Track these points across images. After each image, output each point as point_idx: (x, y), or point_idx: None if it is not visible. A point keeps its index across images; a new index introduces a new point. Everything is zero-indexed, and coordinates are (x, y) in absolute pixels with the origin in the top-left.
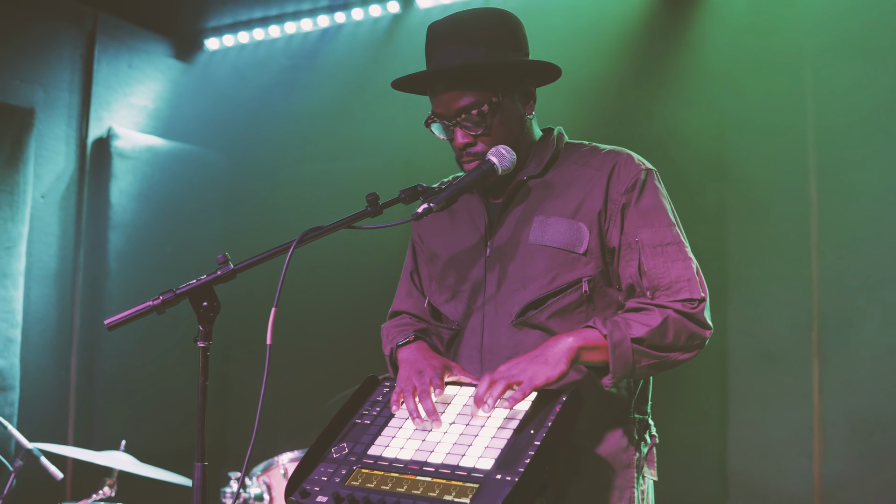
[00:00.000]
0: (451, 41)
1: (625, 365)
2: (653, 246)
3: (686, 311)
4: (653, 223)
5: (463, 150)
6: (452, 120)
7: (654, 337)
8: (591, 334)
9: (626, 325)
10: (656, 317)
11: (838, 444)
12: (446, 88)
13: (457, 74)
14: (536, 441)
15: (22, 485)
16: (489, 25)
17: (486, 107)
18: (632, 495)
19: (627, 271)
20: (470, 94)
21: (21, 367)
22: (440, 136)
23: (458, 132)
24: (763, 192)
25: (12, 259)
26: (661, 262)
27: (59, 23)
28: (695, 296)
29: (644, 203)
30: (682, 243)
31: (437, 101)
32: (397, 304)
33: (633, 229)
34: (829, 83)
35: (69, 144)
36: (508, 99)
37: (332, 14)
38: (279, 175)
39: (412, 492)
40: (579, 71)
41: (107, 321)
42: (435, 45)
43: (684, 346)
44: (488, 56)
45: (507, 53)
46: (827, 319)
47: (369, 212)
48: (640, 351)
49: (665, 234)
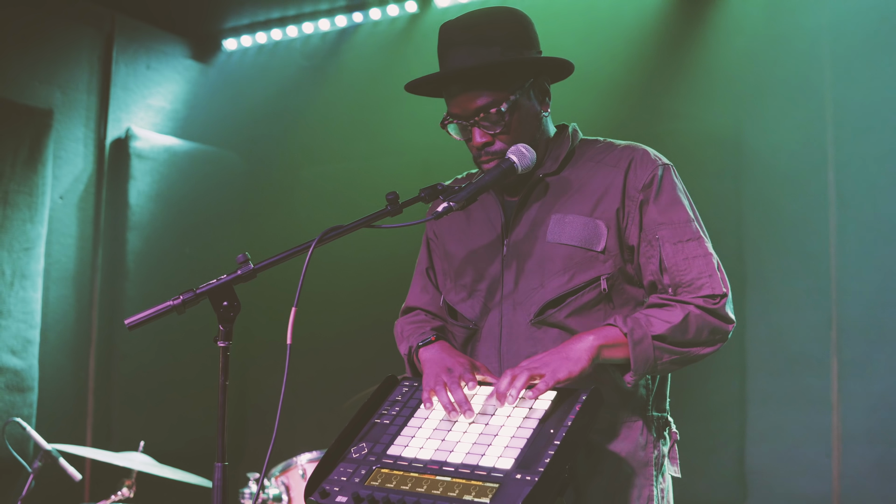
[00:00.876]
0: (464, 42)
1: (646, 362)
2: (673, 242)
3: (708, 307)
4: (672, 219)
5: (481, 149)
6: (470, 120)
7: (675, 333)
8: (611, 332)
9: (648, 322)
10: (678, 313)
11: (857, 445)
12: (463, 89)
13: (473, 75)
14: (556, 440)
15: (40, 486)
16: (502, 24)
17: (503, 105)
18: (650, 493)
19: (648, 268)
20: (487, 94)
21: (40, 367)
22: (457, 136)
23: (476, 132)
24: (781, 193)
25: (31, 260)
26: (681, 259)
27: (78, 25)
28: (717, 291)
29: (663, 199)
30: (702, 238)
31: (454, 102)
32: (411, 300)
33: (653, 226)
34: (848, 82)
35: (87, 146)
36: (525, 97)
37: (349, 14)
38: (296, 175)
39: (432, 491)
40: (596, 70)
41: (127, 321)
42: (448, 46)
43: (706, 340)
44: (503, 55)
45: (521, 51)
46: (846, 320)
47: (389, 211)
48: (661, 347)
49: (685, 230)
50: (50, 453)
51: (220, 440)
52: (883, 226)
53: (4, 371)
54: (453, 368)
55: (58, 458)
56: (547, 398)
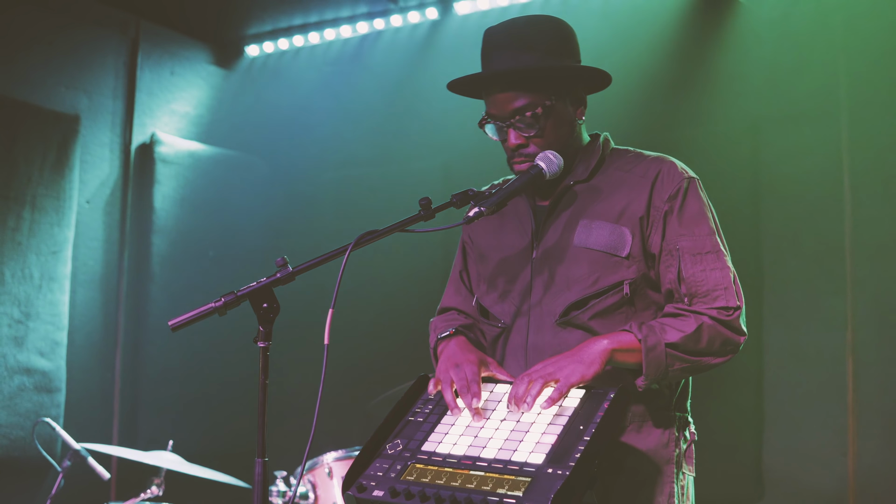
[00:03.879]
0: (507, 46)
1: (658, 368)
2: (692, 254)
3: (721, 319)
4: (693, 231)
5: (516, 150)
6: (507, 121)
7: (687, 342)
8: (626, 338)
9: (662, 330)
10: (691, 323)
11: (873, 443)
12: (501, 90)
13: (512, 77)
14: (586, 437)
15: (69, 484)
16: (544, 32)
17: (539, 109)
18: (672, 490)
19: (667, 277)
20: (524, 97)
21: (67, 369)
22: (493, 136)
23: (511, 133)
24: (798, 196)
25: (58, 263)
26: (699, 270)
27: (103, 31)
28: (730, 304)
29: (686, 211)
30: (722, 252)
31: (492, 103)
32: (446, 301)
33: (674, 237)
34: (864, 86)
35: (113, 150)
36: (561, 103)
37: (371, 21)
38: (319, 179)
39: (466, 485)
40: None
41: (171, 322)
42: (491, 49)
43: (718, 351)
44: (543, 61)
45: (560, 59)
46: (861, 319)
47: (422, 216)
48: (673, 355)
49: (705, 243)
50: (79, 452)
51: (260, 436)
52: None
53: (33, 372)
54: (461, 365)
55: (86, 458)
56: (576, 396)
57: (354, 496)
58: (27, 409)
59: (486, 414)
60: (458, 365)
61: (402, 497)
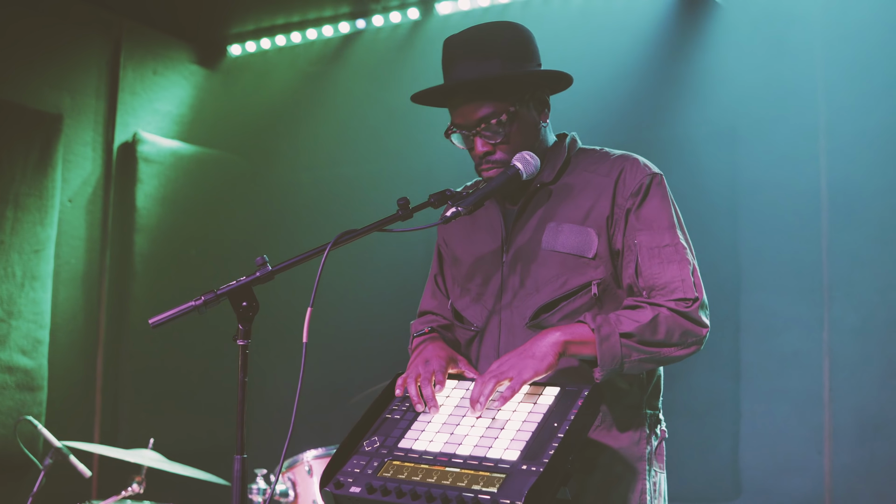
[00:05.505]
0: (467, 55)
1: (613, 359)
2: (650, 248)
3: (679, 310)
4: (652, 226)
5: (483, 158)
6: (472, 130)
7: (643, 332)
8: (579, 329)
9: (617, 320)
10: (647, 313)
11: (849, 442)
12: (465, 101)
13: (475, 87)
14: (560, 433)
15: (51, 482)
16: (503, 38)
17: (504, 116)
18: (644, 487)
19: (626, 271)
20: (488, 105)
21: (49, 367)
22: (460, 145)
23: (478, 141)
24: (776, 195)
25: (41, 262)
26: (656, 264)
27: (86, 30)
28: (688, 295)
29: (646, 207)
30: (681, 245)
31: (457, 113)
32: (424, 305)
33: (633, 232)
34: (842, 88)
35: (96, 149)
36: (524, 108)
37: (353, 21)
38: (301, 178)
39: (441, 482)
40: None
41: (151, 320)
42: (452, 59)
43: (678, 342)
44: (504, 68)
45: (521, 64)
46: (837, 320)
47: (400, 215)
48: (629, 345)
49: (663, 237)
50: (60, 450)
51: (239, 434)
52: (874, 227)
53: (15, 370)
54: (430, 361)
55: (68, 456)
56: (551, 394)
57: (332, 492)
58: (9, 407)
59: (445, 409)
60: (427, 361)
61: (378, 493)
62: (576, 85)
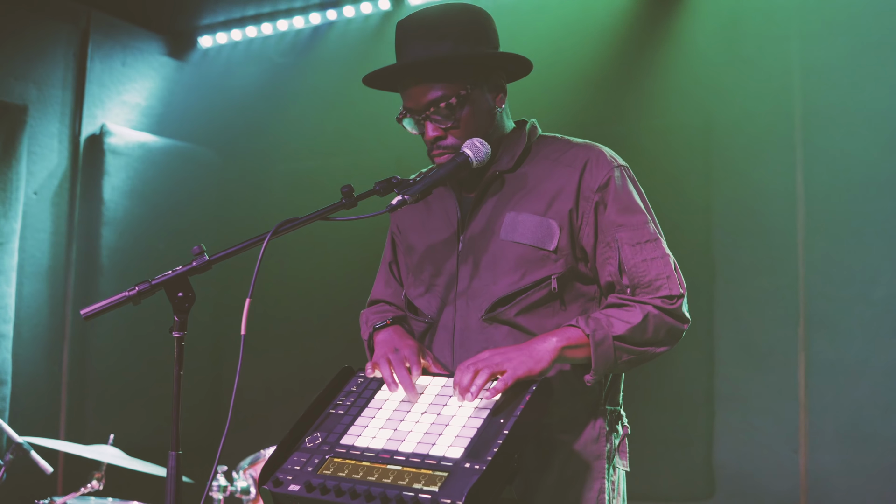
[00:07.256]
0: (418, 36)
1: (607, 362)
2: (632, 244)
3: (666, 308)
4: (630, 221)
5: (434, 143)
6: (422, 114)
7: (634, 334)
8: (573, 333)
9: (609, 323)
10: (637, 314)
11: (824, 439)
12: (415, 83)
13: (424, 69)
14: (505, 430)
15: (12, 479)
16: (456, 20)
17: (454, 99)
18: (602, 486)
19: (606, 269)
20: (438, 88)
21: (13, 362)
22: (412, 130)
23: (428, 126)
24: (750, 189)
25: (5, 255)
26: (640, 261)
27: (53, 20)
28: (674, 292)
29: (620, 201)
30: (659, 239)
31: (407, 96)
32: (376, 293)
33: (611, 228)
34: (817, 78)
35: (62, 141)
36: (478, 91)
37: (323, 11)
38: (271, 171)
39: (382, 480)
40: (566, 67)
41: (83, 311)
42: (403, 40)
43: (662, 340)
44: (455, 49)
45: (474, 47)
46: (813, 314)
47: (343, 204)
48: (621, 348)
49: (643, 232)
50: (21, 446)
51: (174, 429)
52: (850, 223)
53: None
54: (400, 349)
55: (29, 451)
56: None
57: (270, 490)
58: None
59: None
60: (396, 349)
61: (317, 492)
62: (543, 77)
